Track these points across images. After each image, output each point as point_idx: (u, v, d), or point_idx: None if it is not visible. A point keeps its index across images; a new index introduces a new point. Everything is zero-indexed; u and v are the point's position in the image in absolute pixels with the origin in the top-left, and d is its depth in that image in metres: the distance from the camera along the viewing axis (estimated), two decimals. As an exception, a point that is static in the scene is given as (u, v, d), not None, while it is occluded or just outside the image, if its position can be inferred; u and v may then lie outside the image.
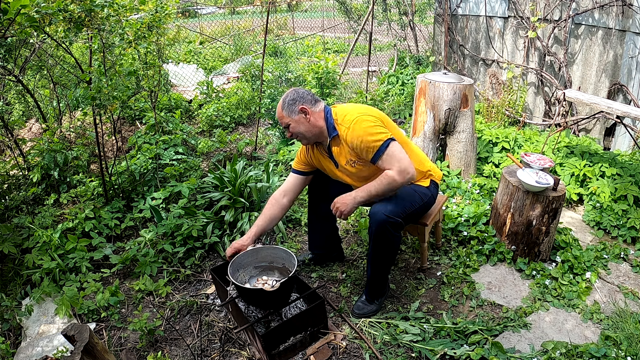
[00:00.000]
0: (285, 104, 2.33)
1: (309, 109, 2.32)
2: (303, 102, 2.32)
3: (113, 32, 3.04)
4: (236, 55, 8.95)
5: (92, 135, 4.18)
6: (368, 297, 2.58)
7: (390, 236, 2.33)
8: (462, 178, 3.81)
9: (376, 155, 2.24)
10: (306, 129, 2.35)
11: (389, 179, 2.22)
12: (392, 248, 2.40)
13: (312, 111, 2.34)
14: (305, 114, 2.32)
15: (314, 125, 2.35)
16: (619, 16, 4.03)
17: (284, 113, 2.34)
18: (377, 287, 2.55)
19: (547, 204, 2.77)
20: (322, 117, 2.36)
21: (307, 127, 2.35)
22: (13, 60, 3.78)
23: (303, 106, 2.32)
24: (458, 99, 3.62)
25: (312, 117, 2.33)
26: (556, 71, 4.74)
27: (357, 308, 2.57)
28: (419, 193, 2.48)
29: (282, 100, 2.36)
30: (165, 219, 3.23)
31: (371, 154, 2.24)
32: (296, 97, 2.33)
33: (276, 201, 2.59)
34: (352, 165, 2.38)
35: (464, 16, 5.71)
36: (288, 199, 2.61)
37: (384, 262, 2.46)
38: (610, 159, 3.71)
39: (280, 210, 2.59)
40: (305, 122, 2.34)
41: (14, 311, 2.58)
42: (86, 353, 1.68)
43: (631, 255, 3.08)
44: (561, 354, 2.23)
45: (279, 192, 2.61)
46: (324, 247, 2.96)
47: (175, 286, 2.88)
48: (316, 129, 2.36)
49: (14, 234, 3.00)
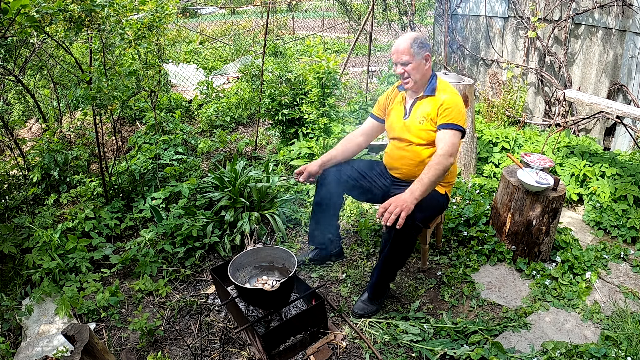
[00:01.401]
0: (415, 43, 2.41)
1: (429, 59, 2.47)
2: (429, 51, 2.46)
3: (113, 32, 3.03)
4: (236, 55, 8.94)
5: (92, 135, 4.18)
6: (370, 297, 2.58)
7: (410, 240, 2.38)
8: (462, 178, 3.81)
9: (448, 126, 2.40)
10: (420, 74, 2.48)
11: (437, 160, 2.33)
12: (408, 252, 2.45)
13: (430, 61, 2.48)
14: (427, 61, 2.46)
15: (426, 75, 2.50)
16: (619, 16, 4.03)
17: (412, 50, 2.41)
18: (382, 287, 2.56)
19: (547, 204, 2.77)
20: (429, 72, 2.51)
21: (421, 74, 2.48)
22: (13, 60, 3.78)
23: (429, 54, 2.46)
24: (458, 99, 3.62)
25: (428, 67, 2.48)
26: (556, 71, 4.74)
27: (357, 308, 2.57)
28: (439, 200, 2.59)
29: (410, 38, 2.43)
30: (165, 219, 3.23)
31: (446, 120, 2.40)
32: (426, 44, 2.44)
33: (353, 137, 2.79)
34: (420, 122, 2.50)
35: (464, 16, 5.72)
36: (364, 139, 2.80)
37: (396, 264, 2.49)
38: (610, 159, 3.71)
39: (354, 146, 2.79)
40: (422, 68, 2.46)
41: (14, 311, 2.58)
42: (86, 353, 1.68)
43: (631, 255, 3.08)
44: (561, 354, 2.23)
45: (356, 131, 2.83)
46: (325, 242, 2.96)
47: (175, 286, 2.88)
48: (425, 79, 2.51)
49: (14, 234, 3.00)
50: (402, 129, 2.58)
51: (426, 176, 2.29)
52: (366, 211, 3.62)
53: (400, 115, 2.61)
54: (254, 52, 8.48)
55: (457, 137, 2.41)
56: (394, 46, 2.47)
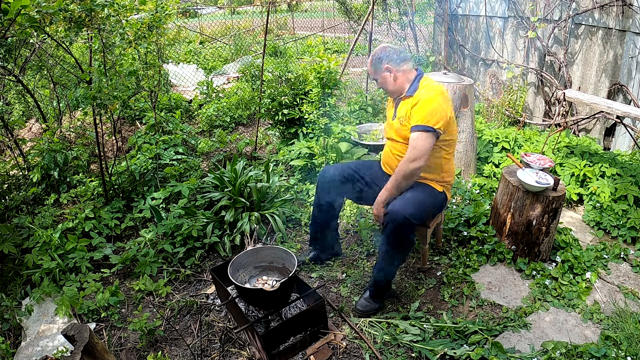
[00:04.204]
0: (373, 61, 2.55)
1: (393, 68, 2.51)
2: (388, 62, 2.51)
3: (113, 32, 3.03)
4: (236, 55, 8.94)
5: (92, 135, 4.18)
6: (372, 295, 2.60)
7: (406, 237, 2.38)
8: (462, 178, 3.81)
9: (417, 127, 2.41)
10: (390, 84, 2.56)
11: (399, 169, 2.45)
12: (406, 249, 2.46)
13: (396, 70, 2.52)
14: (390, 72, 2.52)
15: (399, 82, 2.55)
16: (619, 16, 4.03)
17: (372, 69, 2.57)
18: (382, 285, 2.58)
19: (547, 204, 2.77)
20: (406, 78, 2.54)
21: (391, 84, 2.56)
22: (13, 60, 3.78)
23: (388, 65, 2.51)
24: (458, 99, 3.62)
25: (395, 74, 2.52)
26: (556, 71, 4.74)
27: (360, 305, 2.58)
28: (436, 198, 2.59)
29: (371, 55, 2.57)
30: (165, 219, 3.23)
31: (415, 122, 2.42)
32: (382, 56, 2.51)
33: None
34: (400, 122, 2.55)
35: (464, 16, 5.71)
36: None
37: (393, 261, 2.50)
38: (610, 159, 3.70)
39: None
40: (390, 80, 2.54)
41: (14, 311, 2.58)
42: (86, 353, 1.68)
43: (631, 255, 3.08)
44: (561, 354, 2.23)
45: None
46: (326, 244, 2.98)
47: (175, 286, 2.88)
48: (397, 86, 2.56)
49: (14, 234, 3.00)
50: (391, 130, 2.66)
51: (390, 183, 2.48)
52: (366, 211, 3.62)
53: (390, 116, 2.71)
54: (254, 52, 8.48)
55: (425, 138, 2.38)
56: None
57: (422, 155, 2.38)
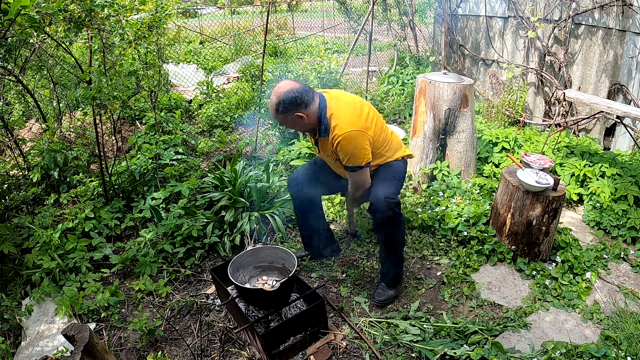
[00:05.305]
0: (280, 108, 2.26)
1: (304, 114, 2.29)
2: (298, 109, 2.26)
3: (113, 32, 3.03)
4: (236, 55, 8.94)
5: (92, 135, 4.18)
6: (388, 283, 2.67)
7: (396, 216, 2.44)
8: (462, 178, 3.81)
9: (350, 168, 2.42)
10: (300, 127, 2.40)
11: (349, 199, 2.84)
12: (401, 228, 2.53)
13: (307, 113, 2.30)
14: (302, 118, 2.30)
15: (308, 124, 2.36)
16: (619, 16, 4.02)
17: (277, 115, 2.31)
18: (395, 271, 2.65)
19: (547, 204, 2.77)
20: (316, 115, 2.33)
21: (301, 126, 2.39)
22: (13, 60, 3.78)
23: (299, 113, 2.27)
24: (458, 99, 3.62)
25: (306, 118, 2.31)
26: (556, 71, 4.74)
27: (377, 295, 2.64)
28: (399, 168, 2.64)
29: (277, 99, 2.24)
30: (165, 219, 3.23)
31: (345, 164, 2.41)
32: (294, 103, 2.24)
33: None
34: (332, 157, 2.51)
35: (464, 16, 5.71)
36: None
37: (396, 244, 2.56)
38: (610, 159, 3.70)
39: None
40: (300, 123, 2.34)
41: (14, 311, 2.57)
42: (86, 353, 1.68)
43: (631, 255, 3.08)
44: (561, 354, 2.23)
45: None
46: (320, 244, 3.00)
47: (175, 286, 2.88)
48: (309, 126, 2.38)
49: (14, 234, 3.00)
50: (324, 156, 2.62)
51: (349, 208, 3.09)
52: (366, 211, 3.62)
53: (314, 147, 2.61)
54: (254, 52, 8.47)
55: (360, 174, 2.44)
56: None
57: (363, 184, 2.51)
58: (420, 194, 3.76)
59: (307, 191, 2.77)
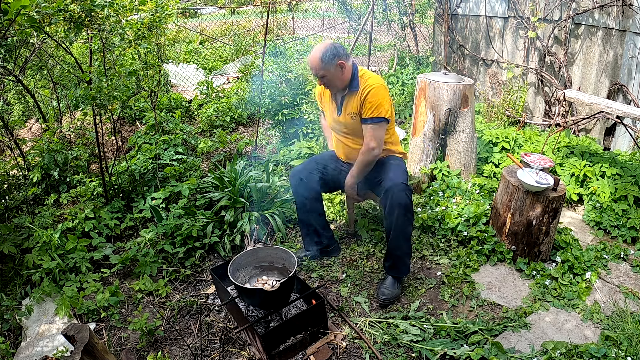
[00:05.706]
0: (325, 58, 2.53)
1: (345, 63, 2.58)
2: (340, 58, 2.56)
3: (113, 32, 3.04)
4: (236, 55, 8.94)
5: (92, 135, 4.18)
6: (396, 277, 2.70)
7: (410, 203, 2.56)
8: (462, 178, 3.81)
9: (370, 120, 2.61)
10: (339, 80, 2.63)
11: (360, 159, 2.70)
12: (412, 215, 2.63)
13: (347, 64, 2.60)
14: (342, 67, 2.58)
15: (346, 78, 2.63)
16: (619, 16, 4.02)
17: (322, 65, 2.54)
18: (404, 262, 2.68)
19: (547, 204, 2.77)
20: (350, 70, 2.64)
21: (340, 79, 2.62)
22: (13, 60, 3.78)
23: (341, 61, 2.56)
24: (458, 99, 3.62)
25: (345, 69, 2.60)
26: (556, 71, 4.74)
27: (382, 294, 2.64)
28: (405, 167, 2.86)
29: (320, 52, 2.53)
30: (165, 219, 3.23)
31: (369, 114, 2.60)
32: (336, 53, 2.55)
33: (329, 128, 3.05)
34: (352, 117, 2.69)
35: (464, 16, 5.71)
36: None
37: (408, 232, 2.61)
38: (610, 159, 3.70)
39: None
40: (340, 75, 2.60)
41: (14, 311, 2.58)
42: (86, 353, 1.68)
43: (631, 255, 3.08)
44: (561, 354, 2.23)
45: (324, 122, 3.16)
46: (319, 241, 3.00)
47: (175, 286, 2.88)
48: (346, 81, 2.65)
49: (14, 234, 3.00)
50: (339, 124, 2.80)
51: (355, 170, 2.77)
52: (366, 211, 3.62)
53: (333, 111, 2.80)
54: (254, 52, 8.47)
55: (379, 128, 2.63)
56: (308, 62, 2.64)
57: (380, 144, 2.66)
58: (420, 194, 3.76)
59: (308, 182, 2.84)
